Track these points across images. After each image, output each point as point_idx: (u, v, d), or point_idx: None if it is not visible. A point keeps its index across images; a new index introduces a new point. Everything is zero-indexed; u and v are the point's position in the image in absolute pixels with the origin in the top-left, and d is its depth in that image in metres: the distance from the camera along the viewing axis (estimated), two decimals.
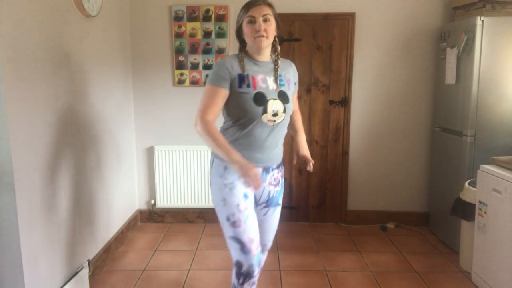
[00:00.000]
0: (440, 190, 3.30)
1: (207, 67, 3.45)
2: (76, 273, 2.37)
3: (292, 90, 1.87)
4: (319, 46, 3.43)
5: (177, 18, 3.40)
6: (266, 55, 1.80)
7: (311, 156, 1.95)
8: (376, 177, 3.59)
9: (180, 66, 3.46)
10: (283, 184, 1.97)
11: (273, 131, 1.77)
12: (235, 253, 1.77)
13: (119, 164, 3.20)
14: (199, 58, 3.44)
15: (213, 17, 3.39)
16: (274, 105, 1.71)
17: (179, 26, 3.41)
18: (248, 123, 1.72)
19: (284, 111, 1.76)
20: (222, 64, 1.72)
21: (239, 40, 1.80)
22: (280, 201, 1.98)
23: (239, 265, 1.77)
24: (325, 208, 3.65)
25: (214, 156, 1.80)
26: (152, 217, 3.65)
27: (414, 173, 3.57)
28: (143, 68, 3.49)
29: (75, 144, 2.42)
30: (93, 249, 2.69)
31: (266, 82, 1.75)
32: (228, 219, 1.75)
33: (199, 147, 3.50)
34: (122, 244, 3.19)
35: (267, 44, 1.75)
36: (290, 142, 2.12)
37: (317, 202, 3.64)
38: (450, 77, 3.05)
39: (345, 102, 3.48)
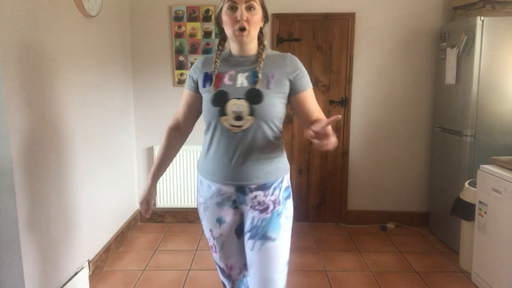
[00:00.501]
0: (440, 190, 3.30)
1: None
2: (76, 273, 2.37)
3: (279, 89, 1.43)
4: (319, 46, 3.43)
5: (177, 18, 3.40)
6: (249, 48, 1.47)
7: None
8: (376, 177, 3.59)
9: (180, 66, 3.46)
10: (279, 213, 1.48)
11: (242, 142, 1.41)
12: (219, 273, 1.65)
13: (119, 164, 3.20)
14: (199, 58, 3.44)
15: (213, 17, 3.39)
16: (235, 105, 1.39)
17: (179, 26, 3.41)
18: (210, 129, 1.46)
19: (251, 113, 1.39)
20: (192, 66, 1.57)
21: (219, 29, 1.53)
22: (273, 236, 1.45)
23: (223, 286, 1.66)
24: (325, 208, 3.65)
25: (198, 167, 1.61)
26: (152, 217, 3.65)
27: (414, 173, 3.57)
28: (143, 68, 3.49)
29: (75, 144, 2.42)
30: (93, 249, 2.69)
31: (234, 79, 1.43)
32: (208, 238, 1.59)
33: (199, 147, 3.49)
34: (122, 244, 3.19)
35: (249, 40, 1.43)
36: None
37: (317, 202, 3.64)
38: (450, 77, 3.05)
39: (345, 102, 3.48)
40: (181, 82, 3.47)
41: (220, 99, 1.41)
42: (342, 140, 3.54)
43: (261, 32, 1.49)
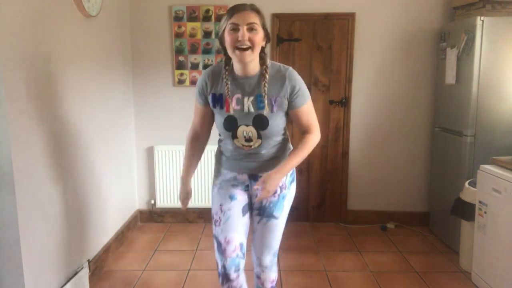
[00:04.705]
0: (440, 190, 3.30)
1: (207, 67, 3.44)
2: (76, 273, 2.37)
3: (281, 109, 1.61)
4: (319, 46, 3.43)
5: (177, 18, 3.40)
6: (251, 68, 1.57)
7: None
8: (376, 177, 3.59)
9: (180, 66, 3.46)
10: (284, 196, 1.75)
11: (252, 153, 1.67)
12: (215, 251, 1.76)
13: (119, 164, 3.20)
14: (199, 58, 3.45)
15: (213, 17, 3.39)
16: (245, 131, 1.60)
17: (179, 26, 3.41)
18: (224, 141, 1.74)
19: (259, 137, 1.62)
20: (199, 80, 1.68)
21: (223, 49, 1.60)
22: (277, 214, 1.74)
23: (216, 264, 1.75)
24: (325, 208, 3.65)
25: (215, 157, 1.85)
26: (152, 217, 3.65)
27: (414, 173, 3.57)
28: (143, 68, 3.49)
29: (75, 144, 2.42)
30: (93, 249, 2.69)
31: (241, 103, 1.58)
32: (212, 217, 1.77)
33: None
34: (122, 244, 3.19)
35: (251, 58, 1.52)
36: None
37: (317, 202, 3.64)
38: (450, 77, 3.05)
39: (345, 102, 3.48)
40: (181, 82, 3.48)
41: (231, 125, 1.62)
42: (342, 140, 3.54)
43: (263, 51, 1.59)
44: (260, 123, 1.59)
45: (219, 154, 1.80)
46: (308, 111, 1.67)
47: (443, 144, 3.24)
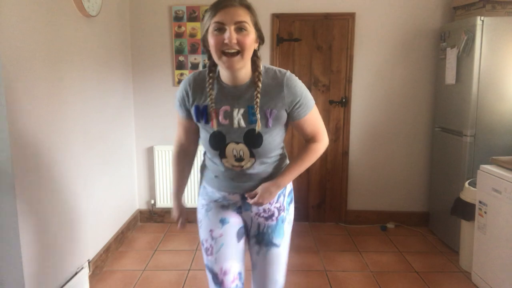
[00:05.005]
0: (440, 190, 3.30)
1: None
2: (76, 273, 2.37)
3: (278, 123, 1.37)
4: (319, 46, 3.43)
5: (177, 18, 3.40)
6: (242, 75, 1.32)
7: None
8: (376, 177, 3.59)
9: (180, 66, 3.46)
10: (283, 219, 1.53)
11: (244, 173, 1.42)
12: (209, 283, 1.52)
13: (119, 164, 3.20)
14: (199, 58, 3.45)
15: None
16: (235, 149, 1.36)
17: (179, 26, 3.41)
18: (211, 160, 1.47)
19: (252, 155, 1.37)
20: (179, 89, 1.41)
21: (207, 53, 1.34)
22: (277, 241, 1.51)
23: None
24: (325, 208, 3.65)
25: (200, 172, 1.61)
26: (152, 217, 3.65)
27: (414, 173, 3.57)
28: (143, 68, 3.49)
29: (75, 144, 2.42)
30: (93, 249, 2.69)
31: (230, 117, 1.33)
32: (202, 244, 1.52)
33: (198, 147, 3.49)
34: (122, 244, 3.19)
35: (241, 65, 1.26)
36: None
37: (317, 202, 3.64)
38: (450, 77, 3.06)
39: (345, 102, 3.48)
40: (181, 82, 3.47)
41: (219, 143, 1.37)
42: (342, 140, 3.54)
43: (256, 55, 1.33)
44: (253, 140, 1.34)
45: (205, 169, 1.54)
46: (313, 119, 1.42)
47: (443, 144, 3.24)
